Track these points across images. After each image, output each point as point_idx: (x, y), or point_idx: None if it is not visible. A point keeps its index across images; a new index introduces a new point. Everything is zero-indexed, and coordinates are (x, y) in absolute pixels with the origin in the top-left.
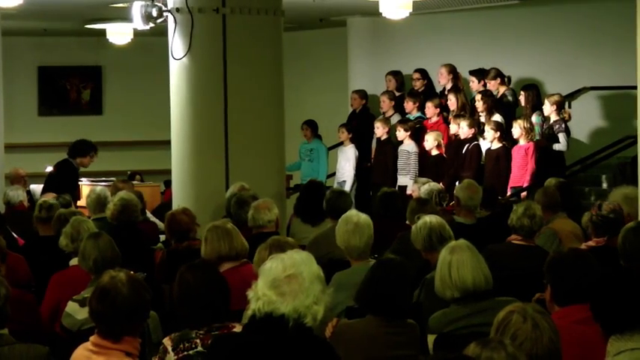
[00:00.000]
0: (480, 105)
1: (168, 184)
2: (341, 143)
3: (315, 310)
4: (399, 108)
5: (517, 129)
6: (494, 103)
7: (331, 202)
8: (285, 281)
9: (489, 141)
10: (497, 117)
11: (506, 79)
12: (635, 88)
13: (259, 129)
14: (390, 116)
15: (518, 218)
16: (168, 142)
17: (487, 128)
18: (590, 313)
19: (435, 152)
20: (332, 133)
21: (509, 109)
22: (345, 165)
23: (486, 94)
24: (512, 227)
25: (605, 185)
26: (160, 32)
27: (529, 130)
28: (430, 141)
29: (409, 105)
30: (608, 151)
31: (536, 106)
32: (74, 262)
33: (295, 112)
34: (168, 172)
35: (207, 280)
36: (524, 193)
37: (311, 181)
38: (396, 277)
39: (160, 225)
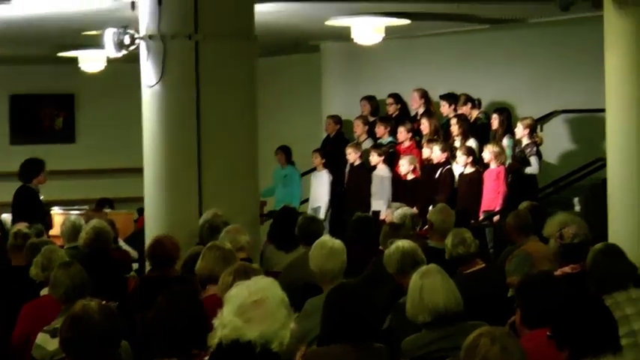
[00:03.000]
0: (455, 129)
1: (141, 211)
2: (315, 168)
3: (282, 335)
4: (371, 133)
5: (487, 153)
6: (468, 127)
7: (303, 228)
8: (251, 307)
9: (462, 165)
10: (472, 141)
11: (476, 102)
12: (604, 111)
13: (233, 155)
14: (363, 141)
15: (451, 251)
16: (141, 170)
17: (459, 153)
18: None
19: (410, 176)
20: (306, 158)
21: (483, 133)
22: (319, 190)
23: (461, 118)
24: (452, 260)
25: (577, 207)
26: (133, 59)
27: (499, 154)
28: (405, 165)
29: (380, 130)
30: (580, 173)
31: (508, 129)
32: (45, 291)
33: (269, 138)
34: (142, 199)
35: (184, 307)
36: (496, 217)
37: (284, 207)
38: (352, 301)
39: (133, 253)
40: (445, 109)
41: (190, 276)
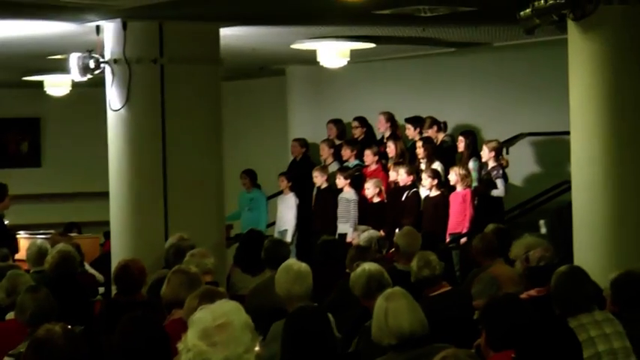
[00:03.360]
0: (420, 152)
1: (107, 235)
2: (281, 192)
3: (246, 359)
4: (338, 156)
5: (453, 176)
6: (434, 150)
7: (270, 251)
8: (215, 331)
9: (427, 188)
10: (437, 164)
11: (442, 125)
12: (569, 133)
13: (198, 179)
14: (329, 164)
15: (417, 273)
16: (107, 193)
17: (424, 176)
18: None
19: (376, 199)
20: (272, 181)
21: (449, 155)
22: (286, 213)
23: (427, 141)
24: (418, 282)
25: (543, 230)
26: (98, 83)
27: (465, 177)
28: (371, 188)
29: (347, 153)
30: (546, 195)
31: (474, 152)
32: (10, 316)
33: (236, 161)
34: (108, 223)
35: (146, 331)
36: (463, 239)
37: (251, 230)
38: (312, 324)
39: (99, 277)
40: (411, 132)
41: (156, 300)
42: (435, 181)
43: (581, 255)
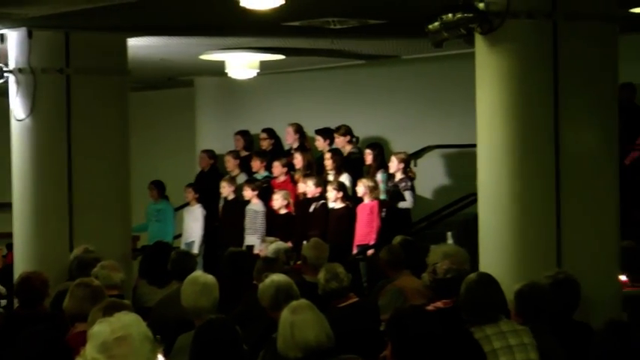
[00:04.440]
0: (329, 163)
1: (10, 247)
2: (188, 203)
3: None
4: (245, 167)
5: (361, 187)
6: (342, 162)
7: (176, 263)
8: (114, 344)
9: (332, 201)
10: (345, 176)
11: (354, 140)
12: (476, 146)
13: (104, 190)
14: (237, 175)
15: (324, 286)
16: (10, 204)
17: (329, 188)
18: None
19: (283, 211)
20: (180, 193)
21: (357, 167)
22: (193, 225)
23: (336, 152)
24: (325, 295)
25: (450, 242)
26: (2, 92)
27: (373, 189)
28: (279, 200)
29: (256, 164)
30: (453, 208)
31: (382, 164)
32: None
33: (143, 173)
34: (12, 234)
35: (44, 346)
36: (370, 251)
37: (157, 242)
38: (221, 336)
39: (1, 289)
40: (320, 143)
41: (59, 313)
42: (340, 194)
43: (487, 267)
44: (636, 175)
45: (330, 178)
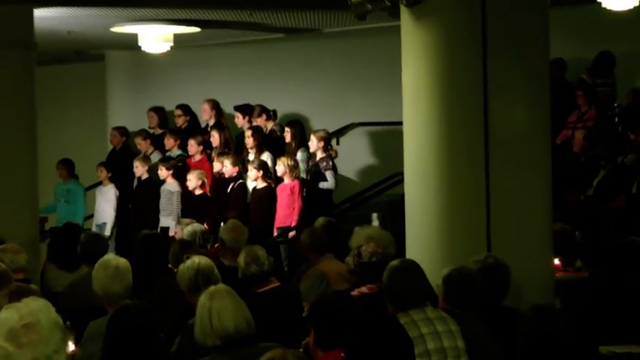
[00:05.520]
0: (249, 142)
1: None
2: (100, 183)
3: None
4: (159, 145)
5: (281, 166)
6: (263, 140)
7: (86, 246)
8: (22, 331)
9: (252, 180)
10: (266, 154)
11: (271, 114)
12: (402, 124)
13: (10, 169)
14: (150, 154)
15: (244, 269)
16: None
17: (250, 167)
18: None
19: (198, 192)
20: (91, 172)
21: (278, 146)
22: (105, 206)
23: (256, 130)
24: (245, 279)
25: (375, 224)
26: None
27: (293, 168)
28: (193, 180)
29: (170, 142)
30: (377, 188)
31: (302, 142)
32: None
33: (51, 151)
34: None
35: None
36: (292, 233)
37: (66, 224)
38: (137, 324)
39: None
40: (240, 120)
41: None
42: (261, 173)
43: (413, 250)
44: (568, 155)
45: (251, 157)
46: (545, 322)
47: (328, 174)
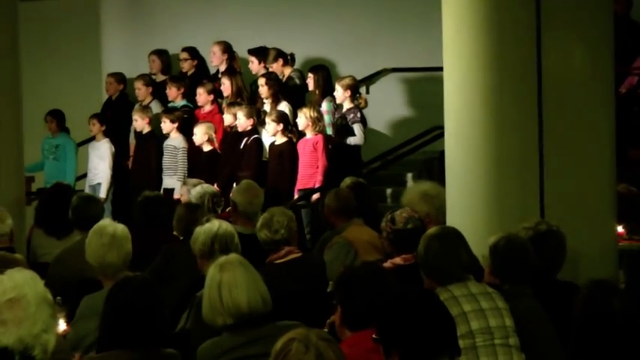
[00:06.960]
0: (264, 90)
1: None
2: (93, 138)
3: (44, 340)
4: (160, 95)
5: (302, 119)
6: (280, 88)
7: (78, 210)
8: (5, 307)
9: (271, 134)
10: (283, 105)
11: (289, 58)
12: (442, 69)
13: None
14: (149, 104)
15: (259, 238)
16: None
17: (268, 119)
18: None
19: (207, 148)
20: (82, 125)
21: (297, 95)
22: (99, 164)
23: (271, 77)
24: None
25: (410, 184)
26: None
27: (316, 121)
28: (199, 134)
29: (172, 91)
30: (413, 144)
31: (327, 91)
32: None
33: (37, 101)
34: None
35: None
36: (315, 196)
37: (56, 184)
38: (138, 299)
39: None
40: (255, 66)
41: None
42: (281, 126)
43: (455, 216)
44: (633, 106)
45: (266, 107)
46: (603, 301)
47: (356, 127)
